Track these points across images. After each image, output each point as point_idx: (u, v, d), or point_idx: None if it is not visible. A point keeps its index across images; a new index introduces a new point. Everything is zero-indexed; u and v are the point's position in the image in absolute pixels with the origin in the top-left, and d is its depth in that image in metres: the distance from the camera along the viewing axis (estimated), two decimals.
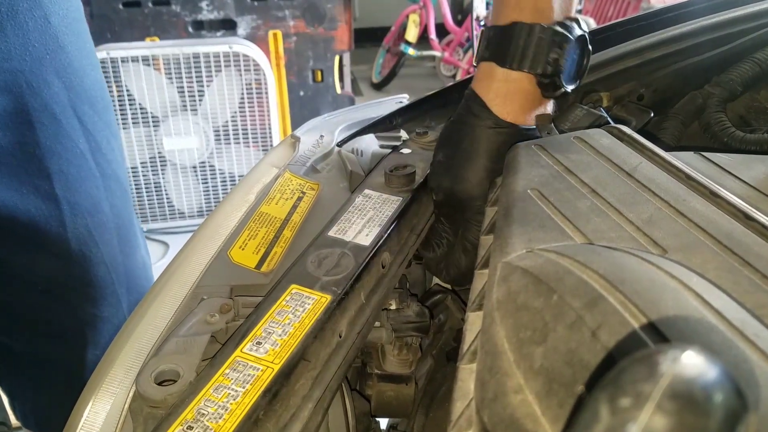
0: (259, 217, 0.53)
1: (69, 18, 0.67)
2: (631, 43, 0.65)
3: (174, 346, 0.39)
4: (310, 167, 0.61)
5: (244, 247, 0.49)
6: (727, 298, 0.26)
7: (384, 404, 0.54)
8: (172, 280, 0.46)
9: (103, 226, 0.76)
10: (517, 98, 0.50)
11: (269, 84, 2.21)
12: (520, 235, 0.34)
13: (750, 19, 0.65)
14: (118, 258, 0.80)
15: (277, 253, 0.49)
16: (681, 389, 0.16)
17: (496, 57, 0.49)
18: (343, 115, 0.77)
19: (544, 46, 0.48)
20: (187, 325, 0.41)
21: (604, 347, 0.24)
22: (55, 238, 0.70)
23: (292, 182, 0.58)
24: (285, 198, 0.56)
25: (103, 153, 0.75)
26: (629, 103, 0.66)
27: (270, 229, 0.52)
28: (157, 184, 2.37)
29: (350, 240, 0.48)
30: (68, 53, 0.67)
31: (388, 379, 0.54)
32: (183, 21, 2.38)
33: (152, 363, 0.37)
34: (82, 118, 0.70)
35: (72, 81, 0.68)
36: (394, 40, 4.21)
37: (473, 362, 0.31)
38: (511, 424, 0.25)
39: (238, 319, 0.42)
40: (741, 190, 0.37)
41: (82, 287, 0.76)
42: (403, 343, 0.52)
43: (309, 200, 0.56)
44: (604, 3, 3.40)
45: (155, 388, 0.36)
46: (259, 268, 0.48)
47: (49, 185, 0.68)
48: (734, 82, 0.62)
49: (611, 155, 0.41)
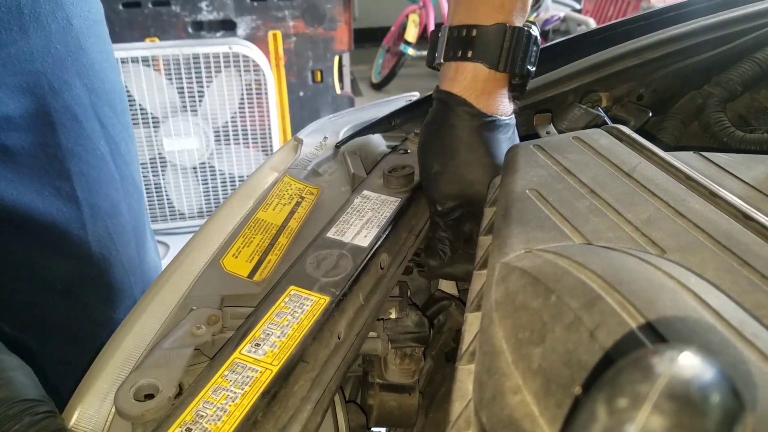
0: (254, 224, 0.52)
1: (90, 20, 0.67)
2: (630, 43, 0.65)
3: (156, 359, 0.38)
4: (311, 171, 0.60)
5: (237, 255, 0.48)
6: (726, 298, 0.26)
7: (386, 414, 0.53)
8: (164, 289, 0.46)
9: (122, 228, 0.76)
10: (500, 96, 0.50)
11: (269, 84, 2.21)
12: (519, 235, 0.34)
13: (750, 19, 0.65)
14: (136, 260, 0.80)
15: (272, 261, 0.48)
16: (678, 390, 0.16)
17: (481, 57, 0.49)
18: (348, 115, 0.76)
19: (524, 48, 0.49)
20: (172, 337, 0.40)
21: (601, 347, 0.24)
22: (75, 239, 0.70)
23: (291, 187, 0.57)
24: (282, 203, 0.54)
25: (122, 155, 0.75)
26: (628, 103, 0.66)
27: (265, 236, 0.51)
28: (158, 185, 2.37)
29: (349, 241, 0.48)
30: (89, 55, 0.67)
31: (391, 389, 0.52)
32: (183, 21, 2.38)
33: (132, 377, 0.37)
34: (103, 120, 0.71)
35: (93, 83, 0.68)
36: (393, 40, 4.21)
37: (472, 363, 0.31)
38: (510, 425, 0.25)
39: (226, 332, 0.41)
40: (740, 190, 0.37)
41: (101, 289, 0.76)
42: (404, 353, 0.51)
43: (307, 205, 0.55)
44: (604, 3, 3.40)
45: (133, 404, 0.35)
46: (251, 277, 0.46)
47: (70, 187, 0.68)
48: (734, 82, 0.62)
49: (610, 155, 0.41)
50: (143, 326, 0.43)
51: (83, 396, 0.39)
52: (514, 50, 0.48)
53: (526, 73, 0.50)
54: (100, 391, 0.39)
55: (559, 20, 3.39)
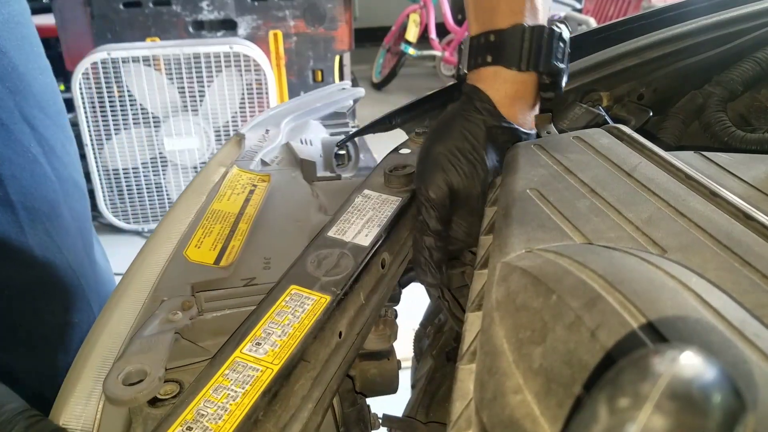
0: (211, 215, 0.53)
1: (11, 22, 0.67)
2: (631, 43, 0.65)
3: (138, 347, 0.38)
4: (258, 161, 0.61)
5: (200, 245, 0.49)
6: (727, 298, 0.26)
7: (369, 383, 0.53)
8: (131, 287, 0.46)
9: (65, 230, 0.75)
10: (524, 100, 0.50)
11: (269, 84, 2.21)
12: (520, 235, 0.34)
13: (750, 19, 0.65)
14: (85, 262, 0.79)
15: (235, 246, 0.49)
16: (679, 389, 0.16)
17: (501, 59, 0.49)
18: (285, 106, 0.77)
19: (547, 45, 0.48)
20: (150, 326, 0.40)
21: (602, 347, 0.23)
22: (15, 244, 0.69)
23: (242, 177, 0.58)
24: (236, 193, 0.55)
25: (58, 157, 0.74)
26: (629, 102, 0.66)
27: (225, 225, 0.51)
28: (158, 185, 2.37)
29: (349, 240, 0.48)
30: (11, 58, 0.66)
31: (369, 357, 0.53)
32: (183, 21, 2.38)
33: (118, 366, 0.37)
34: (33, 122, 0.70)
35: (17, 85, 0.67)
36: (394, 39, 4.21)
37: (473, 362, 0.31)
38: (510, 425, 0.25)
39: (204, 314, 0.42)
40: (741, 189, 0.37)
41: (51, 293, 0.75)
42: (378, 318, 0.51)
43: (261, 192, 0.56)
44: (604, 2, 3.40)
45: (123, 389, 0.35)
46: (218, 263, 0.47)
47: (3, 191, 0.67)
48: (735, 82, 0.62)
49: (611, 155, 0.41)
50: (117, 323, 0.43)
51: (68, 396, 0.39)
52: (537, 48, 0.48)
53: (555, 70, 0.49)
54: (85, 390, 0.39)
55: (560, 20, 3.38)
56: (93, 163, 2.26)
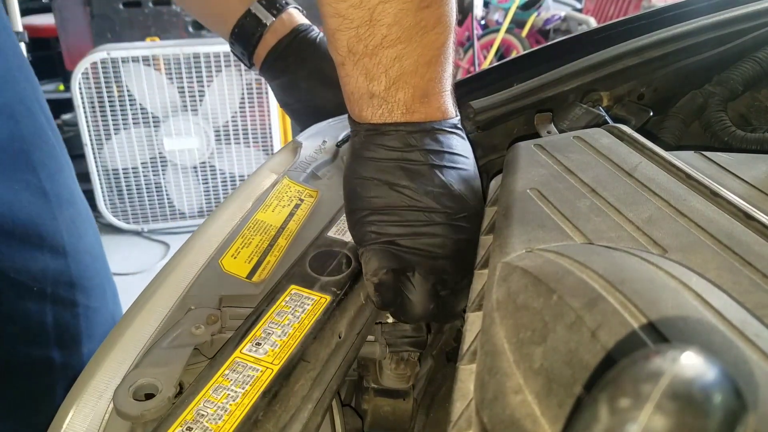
0: (253, 225, 0.51)
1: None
2: (631, 42, 0.65)
3: (155, 357, 0.38)
4: (310, 173, 0.59)
5: (236, 256, 0.48)
6: (728, 298, 0.25)
7: (380, 419, 0.52)
8: (162, 288, 0.45)
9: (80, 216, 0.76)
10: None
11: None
12: (520, 235, 0.34)
13: (751, 18, 0.65)
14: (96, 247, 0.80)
15: (270, 262, 0.48)
16: (680, 389, 0.16)
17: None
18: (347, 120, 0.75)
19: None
20: (171, 336, 0.40)
21: (603, 347, 0.23)
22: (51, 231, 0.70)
23: (291, 189, 0.57)
24: (282, 205, 0.54)
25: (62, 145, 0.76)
26: (629, 102, 0.66)
27: (264, 237, 0.50)
28: (158, 185, 2.37)
29: (350, 240, 0.48)
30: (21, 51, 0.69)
31: (385, 394, 0.52)
32: (183, 21, 2.38)
33: (131, 376, 0.37)
34: (45, 111, 0.72)
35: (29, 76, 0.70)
36: None
37: (473, 363, 0.31)
38: (511, 425, 0.25)
39: (225, 332, 0.41)
40: (742, 189, 0.37)
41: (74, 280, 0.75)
42: (400, 358, 0.50)
43: (307, 208, 0.54)
44: (604, 2, 3.40)
45: (132, 404, 0.35)
46: (250, 277, 0.46)
47: (37, 179, 0.68)
48: (735, 81, 0.62)
49: (611, 155, 0.41)
50: (141, 324, 0.43)
51: (80, 393, 0.39)
52: None
53: None
54: (97, 389, 0.39)
55: (560, 19, 3.38)
56: (93, 163, 2.26)
